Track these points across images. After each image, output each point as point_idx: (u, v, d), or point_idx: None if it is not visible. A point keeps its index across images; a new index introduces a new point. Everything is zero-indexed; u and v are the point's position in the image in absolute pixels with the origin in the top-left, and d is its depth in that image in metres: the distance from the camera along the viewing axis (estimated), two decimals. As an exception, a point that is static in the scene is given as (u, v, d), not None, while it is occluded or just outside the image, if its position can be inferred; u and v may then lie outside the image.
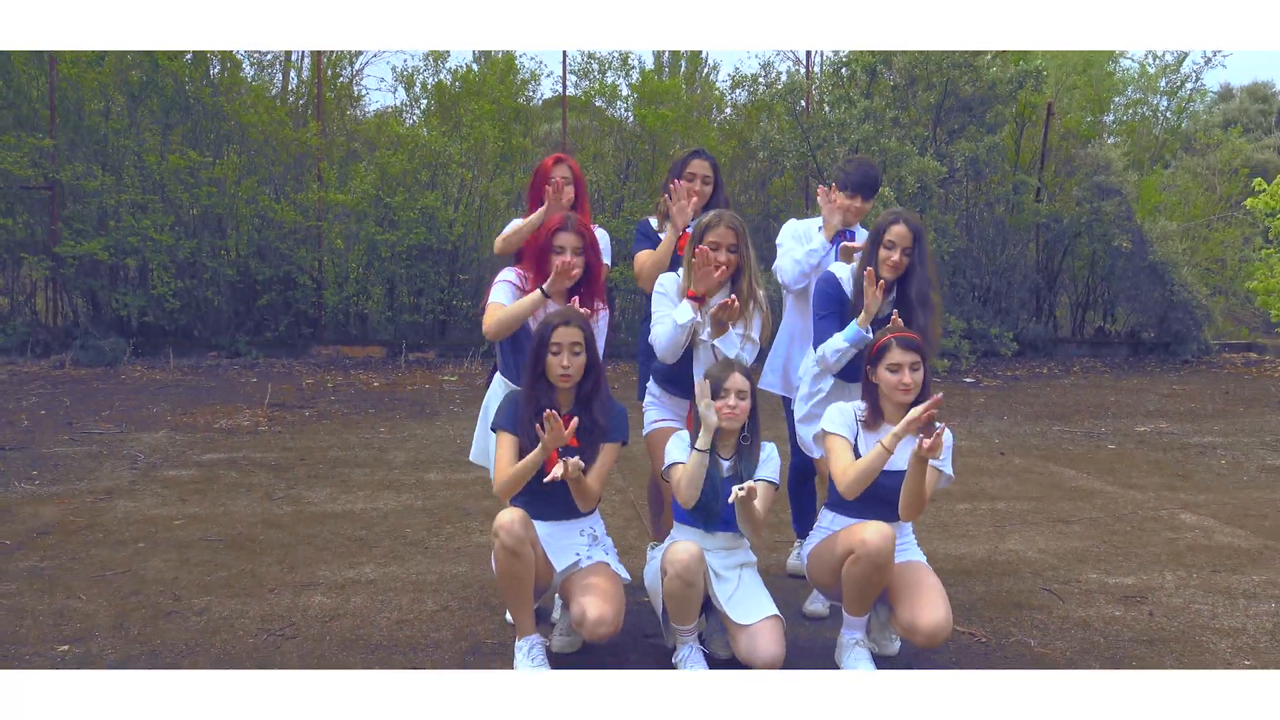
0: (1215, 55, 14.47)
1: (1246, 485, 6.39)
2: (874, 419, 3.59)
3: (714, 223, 3.89)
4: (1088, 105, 14.84)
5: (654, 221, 4.71)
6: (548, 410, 3.41)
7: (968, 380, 11.32)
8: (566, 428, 3.43)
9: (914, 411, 3.30)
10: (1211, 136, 16.72)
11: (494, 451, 3.62)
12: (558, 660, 3.61)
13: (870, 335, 3.79)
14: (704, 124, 13.71)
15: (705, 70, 15.52)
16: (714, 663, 3.53)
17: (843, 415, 3.60)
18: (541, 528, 3.56)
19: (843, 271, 4.13)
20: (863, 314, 3.84)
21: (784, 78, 13.44)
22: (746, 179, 13.64)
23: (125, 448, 7.15)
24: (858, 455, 3.51)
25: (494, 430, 3.63)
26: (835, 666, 3.54)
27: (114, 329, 11.80)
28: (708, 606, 3.55)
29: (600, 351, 3.76)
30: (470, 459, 4.27)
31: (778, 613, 3.45)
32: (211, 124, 12.42)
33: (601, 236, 4.54)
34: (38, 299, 12.48)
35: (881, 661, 3.61)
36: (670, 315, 3.85)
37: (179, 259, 11.82)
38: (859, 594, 3.40)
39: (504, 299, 3.91)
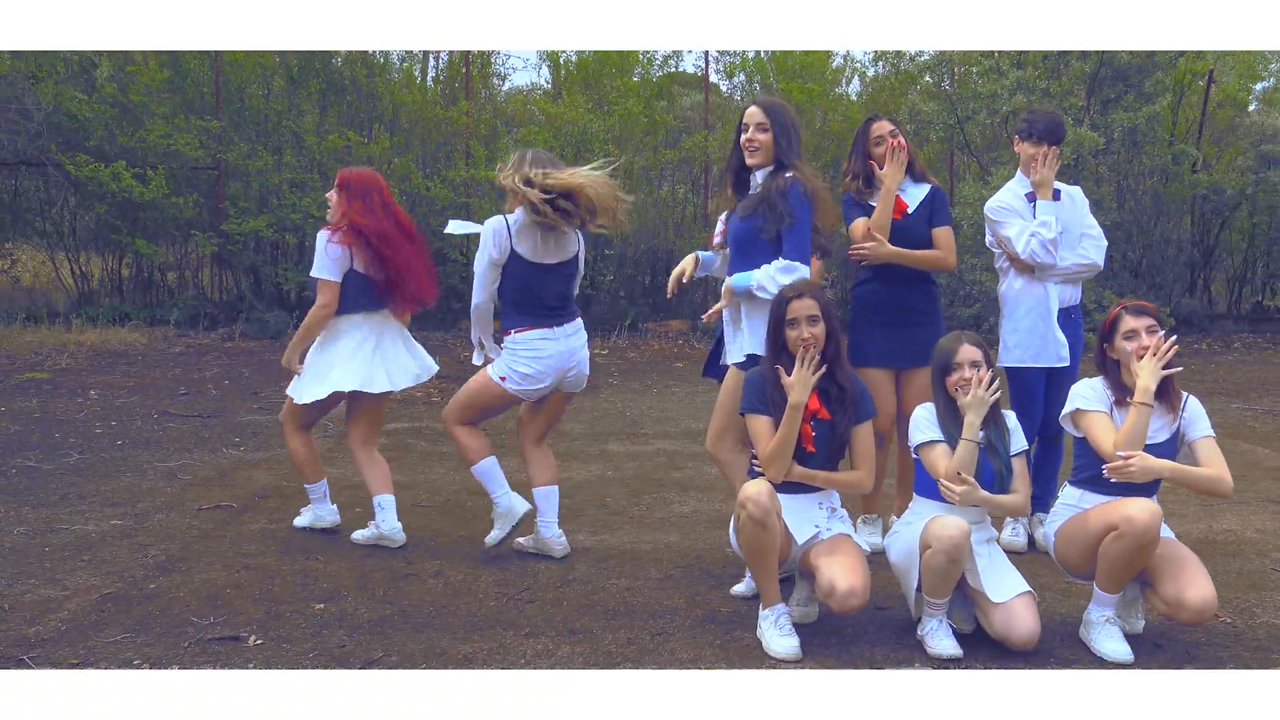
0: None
1: None
2: (1121, 395, 3.50)
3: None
4: (1245, 72, 14.20)
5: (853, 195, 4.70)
6: (778, 367, 3.47)
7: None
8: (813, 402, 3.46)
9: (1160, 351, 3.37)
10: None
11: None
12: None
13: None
14: (846, 97, 13.49)
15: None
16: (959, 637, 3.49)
17: (1094, 391, 3.52)
18: (780, 500, 3.55)
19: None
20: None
21: (929, 50, 13.14)
22: (891, 151, 13.36)
23: (313, 417, 7.36)
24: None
25: (743, 414, 3.64)
26: (1082, 643, 3.47)
27: (275, 303, 12.19)
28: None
29: None
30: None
31: (1030, 589, 3.40)
32: (365, 105, 12.70)
33: None
34: (203, 274, 12.95)
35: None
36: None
37: (337, 236, 12.07)
38: (1119, 572, 3.31)
39: None
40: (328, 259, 4.48)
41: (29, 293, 12.92)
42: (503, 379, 4.29)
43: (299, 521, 4.78)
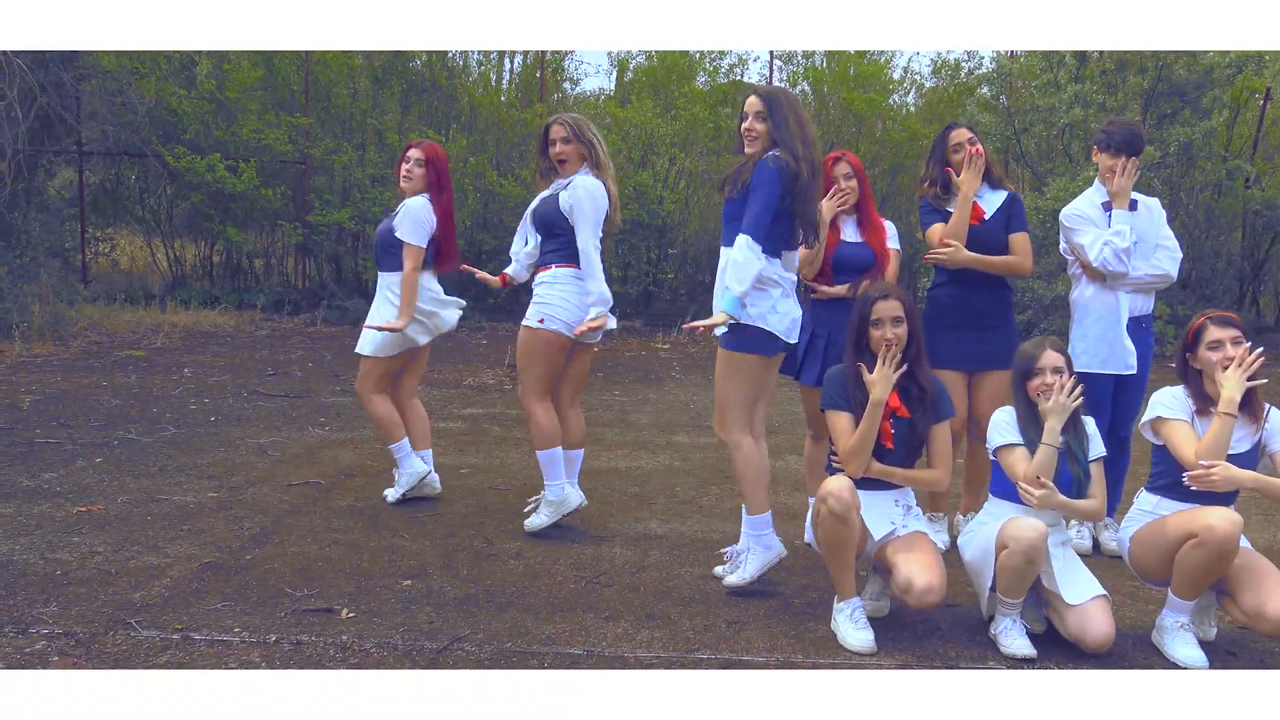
0: None
1: None
2: (1203, 404, 3.36)
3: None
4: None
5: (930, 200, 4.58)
6: (860, 365, 3.38)
7: (1174, 365, 10.65)
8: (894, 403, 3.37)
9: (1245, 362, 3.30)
10: None
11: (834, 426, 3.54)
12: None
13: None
14: (905, 107, 13.30)
15: (906, 55, 14.98)
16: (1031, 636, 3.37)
17: (1176, 400, 3.39)
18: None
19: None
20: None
21: (987, 62, 12.91)
22: (946, 161, 13.18)
23: (392, 400, 7.36)
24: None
25: (824, 410, 3.55)
26: (1154, 647, 3.34)
27: (355, 291, 12.24)
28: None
29: None
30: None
31: (1105, 592, 3.27)
32: (444, 105, 12.73)
33: (890, 227, 4.45)
34: (288, 262, 13.08)
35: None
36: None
37: (414, 229, 12.14)
38: (1196, 580, 3.18)
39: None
40: (424, 227, 4.65)
41: (127, 275, 13.13)
42: (541, 321, 4.27)
43: (391, 495, 4.79)
